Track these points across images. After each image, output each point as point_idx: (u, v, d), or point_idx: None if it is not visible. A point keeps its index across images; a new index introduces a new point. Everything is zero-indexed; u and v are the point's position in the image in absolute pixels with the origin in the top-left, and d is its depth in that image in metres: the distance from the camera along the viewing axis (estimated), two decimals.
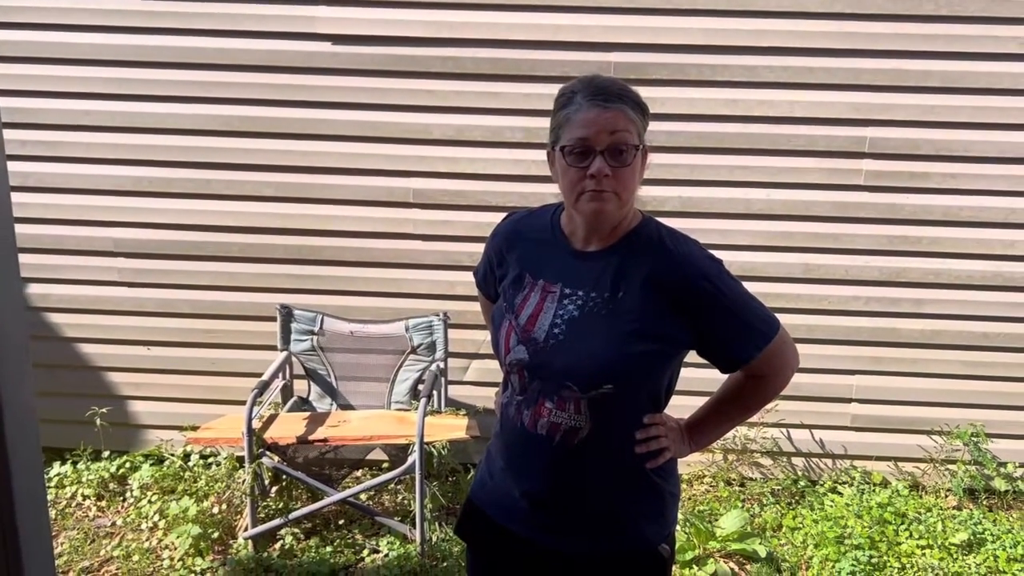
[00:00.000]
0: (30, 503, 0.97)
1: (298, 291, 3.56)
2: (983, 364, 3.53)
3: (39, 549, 1.00)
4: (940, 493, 3.55)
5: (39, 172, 3.47)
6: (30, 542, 0.97)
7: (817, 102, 3.34)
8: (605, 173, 1.40)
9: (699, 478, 3.62)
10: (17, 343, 0.93)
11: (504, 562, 1.69)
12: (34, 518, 0.98)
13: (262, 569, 2.95)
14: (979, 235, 3.43)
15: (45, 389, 3.56)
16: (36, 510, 0.99)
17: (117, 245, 3.55)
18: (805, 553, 3.13)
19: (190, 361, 3.65)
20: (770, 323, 1.52)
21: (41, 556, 1.00)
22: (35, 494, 0.99)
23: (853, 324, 3.52)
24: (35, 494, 0.99)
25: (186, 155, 3.46)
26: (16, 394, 0.93)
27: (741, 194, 3.43)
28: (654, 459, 1.55)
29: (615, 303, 1.47)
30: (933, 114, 3.33)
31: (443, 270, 3.53)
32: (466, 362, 3.62)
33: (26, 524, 0.96)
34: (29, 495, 0.97)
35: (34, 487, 0.99)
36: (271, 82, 3.38)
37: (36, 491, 0.99)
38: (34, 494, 0.99)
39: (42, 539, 1.01)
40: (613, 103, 1.42)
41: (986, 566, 3.08)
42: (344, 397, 3.52)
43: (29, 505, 0.97)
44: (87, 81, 3.40)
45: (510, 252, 1.63)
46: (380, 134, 3.42)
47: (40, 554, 1.00)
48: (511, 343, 1.54)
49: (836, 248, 3.46)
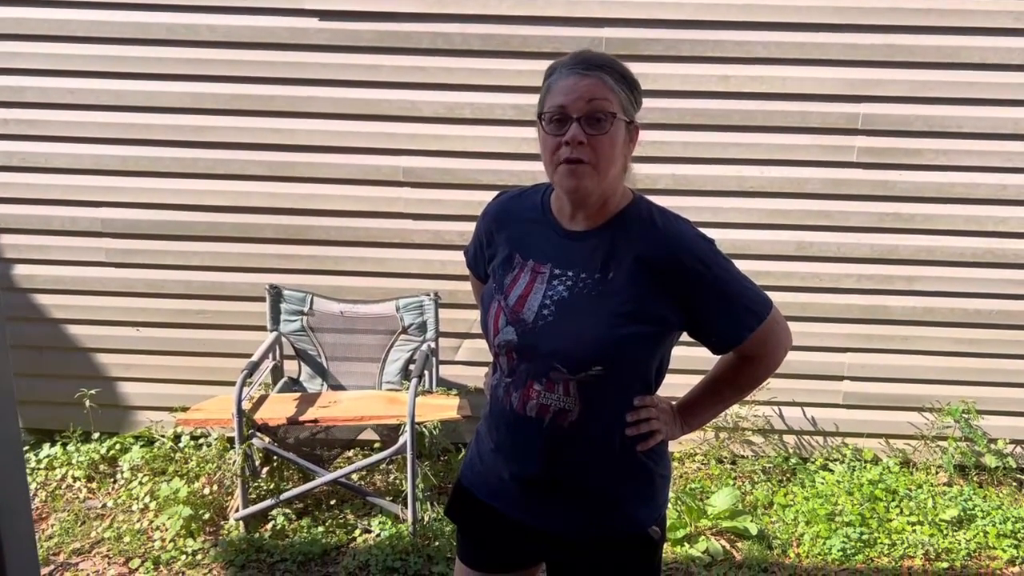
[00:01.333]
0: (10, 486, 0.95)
1: (288, 271, 3.53)
2: (975, 341, 3.54)
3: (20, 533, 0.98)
4: (931, 470, 3.57)
5: (24, 151, 3.43)
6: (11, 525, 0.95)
7: (810, 78, 3.31)
8: (579, 140, 1.38)
9: (690, 456, 3.62)
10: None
11: (494, 543, 1.68)
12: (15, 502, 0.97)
13: (253, 549, 2.95)
14: (971, 212, 3.42)
15: (33, 371, 3.55)
16: (16, 493, 0.97)
17: (104, 225, 3.51)
18: (796, 530, 3.14)
19: (179, 342, 3.62)
20: (762, 303, 1.51)
21: (22, 539, 0.99)
22: (15, 477, 0.97)
23: (845, 302, 3.52)
24: (15, 477, 0.97)
25: (173, 134, 3.42)
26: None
27: (734, 171, 3.41)
28: (645, 441, 1.53)
29: (605, 284, 1.45)
30: (926, 89, 3.31)
31: (434, 249, 3.51)
32: (457, 342, 3.60)
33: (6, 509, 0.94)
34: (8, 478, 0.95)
35: (14, 469, 0.97)
36: (258, 59, 3.34)
37: (16, 474, 0.98)
38: (14, 477, 0.97)
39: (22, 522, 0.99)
40: (592, 71, 1.40)
41: (976, 542, 3.10)
42: (335, 377, 3.50)
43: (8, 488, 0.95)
44: (72, 59, 3.35)
45: (500, 232, 1.61)
46: (369, 111, 3.39)
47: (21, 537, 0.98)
48: (500, 324, 1.52)
49: (829, 225, 3.45)
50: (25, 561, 0.99)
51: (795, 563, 2.97)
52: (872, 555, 3.01)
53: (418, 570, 2.87)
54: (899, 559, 3.00)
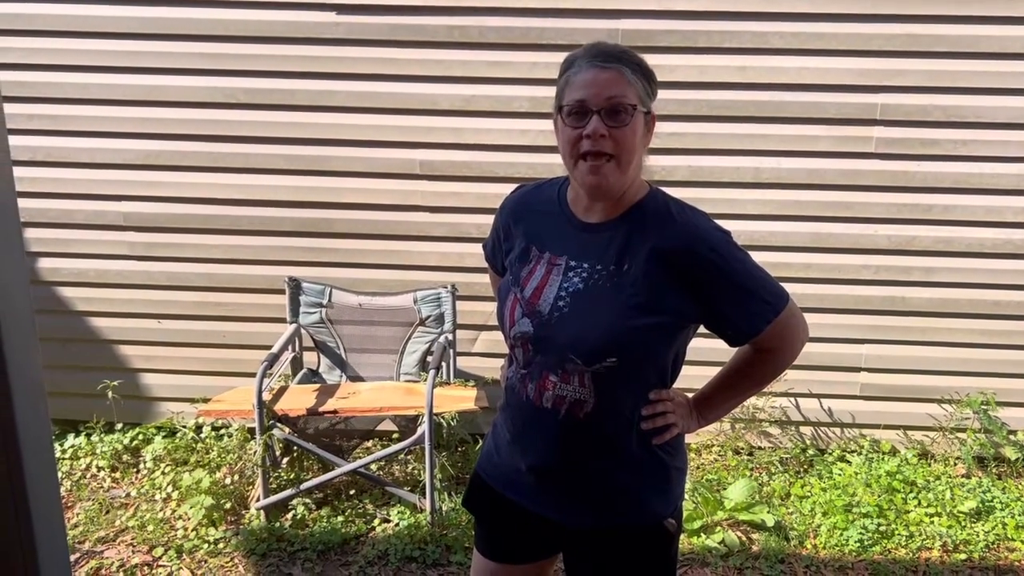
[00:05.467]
0: (41, 477, 0.98)
1: (306, 263, 3.56)
2: (993, 332, 3.52)
3: (51, 520, 1.01)
4: (949, 461, 3.56)
5: (47, 146, 3.48)
6: (41, 513, 0.98)
7: (827, 68, 3.30)
8: (601, 133, 1.39)
9: (707, 447, 3.63)
10: (24, 316, 0.93)
11: (511, 534, 1.70)
12: (46, 492, 0.99)
13: (274, 539, 2.99)
14: (990, 202, 3.39)
15: (58, 362, 3.60)
16: (47, 484, 1.00)
17: (126, 219, 3.55)
18: (813, 522, 3.14)
19: (200, 334, 3.67)
20: (779, 296, 1.51)
21: (53, 525, 1.01)
22: (46, 468, 1.00)
23: (863, 293, 3.51)
24: (46, 468, 1.00)
25: (193, 128, 3.45)
26: (24, 367, 0.93)
27: (750, 163, 3.40)
28: (661, 435, 1.54)
29: (620, 276, 1.45)
30: (945, 79, 3.29)
31: (451, 242, 3.52)
32: (474, 334, 3.62)
33: (37, 498, 0.97)
34: (40, 469, 0.97)
35: (44, 461, 1.00)
36: (277, 53, 3.36)
37: (46, 465, 1.00)
38: (45, 468, 1.00)
39: (53, 510, 1.02)
40: (611, 64, 1.41)
41: (995, 534, 3.09)
42: (353, 369, 3.54)
43: (40, 479, 0.97)
44: (94, 54, 3.39)
45: (517, 225, 1.62)
46: (386, 105, 3.41)
47: (52, 523, 1.01)
48: (516, 316, 1.54)
49: (846, 217, 3.44)
50: (55, 549, 1.02)
51: (812, 554, 2.97)
52: (889, 546, 3.01)
53: (436, 559, 2.90)
54: (916, 550, 2.99)
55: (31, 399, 0.95)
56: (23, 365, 0.92)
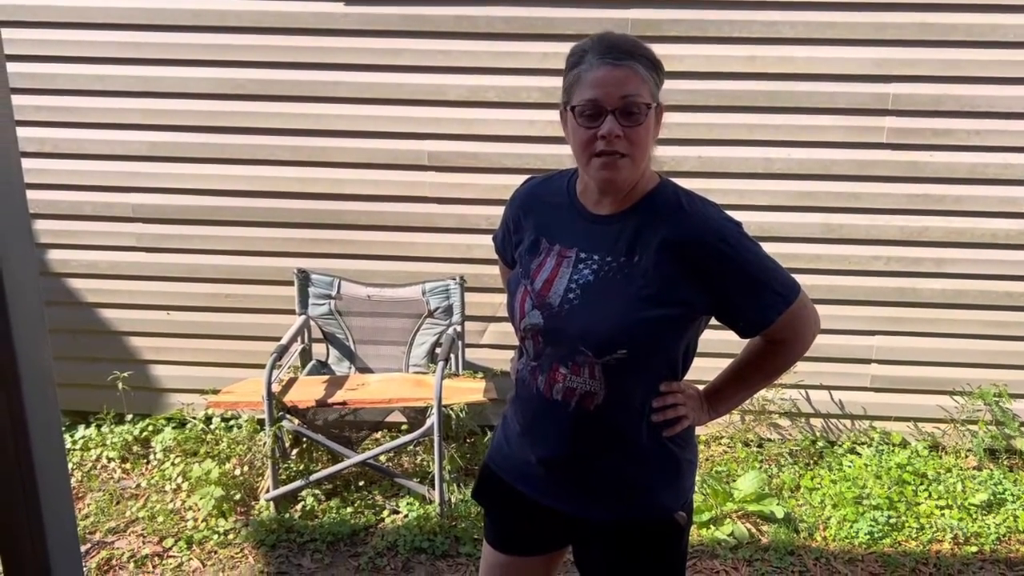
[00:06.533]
0: (51, 468, 0.98)
1: (315, 255, 3.56)
2: (1006, 324, 3.49)
3: (61, 510, 1.01)
4: (960, 453, 3.54)
5: (55, 137, 3.48)
6: (51, 504, 0.98)
7: (839, 58, 3.27)
8: (616, 134, 1.37)
9: (716, 439, 3.62)
10: (33, 307, 0.93)
11: (520, 526, 1.70)
12: (56, 483, 0.99)
13: (284, 529, 3.00)
14: (1004, 193, 3.36)
15: (68, 354, 3.61)
16: (58, 475, 1.00)
17: (135, 210, 3.56)
18: (823, 514, 3.13)
19: (209, 325, 3.67)
20: (790, 287, 1.50)
21: (63, 516, 1.01)
22: (56, 459, 1.00)
23: (874, 284, 3.49)
24: (56, 459, 1.00)
25: (201, 119, 3.45)
26: (34, 358, 0.93)
27: (760, 153, 3.38)
28: (671, 427, 1.54)
29: (631, 267, 1.45)
30: (958, 69, 3.25)
31: (459, 233, 3.52)
32: (483, 325, 3.62)
33: (48, 489, 0.97)
34: (50, 460, 0.97)
35: (54, 452, 1.00)
36: (285, 44, 3.36)
37: (56, 456, 1.00)
38: (55, 459, 0.99)
39: (63, 501, 1.02)
40: (624, 61, 1.38)
41: (1006, 526, 3.07)
42: (362, 360, 3.54)
43: (50, 470, 0.97)
44: (101, 45, 3.38)
45: (527, 218, 1.61)
46: (394, 96, 3.39)
47: (62, 514, 1.01)
48: (526, 308, 1.53)
49: (857, 207, 3.41)
50: (65, 540, 1.02)
51: (822, 546, 2.97)
52: (900, 539, 3.00)
53: (445, 550, 2.90)
54: (927, 543, 2.98)
55: (41, 390, 0.95)
56: (33, 356, 0.92)
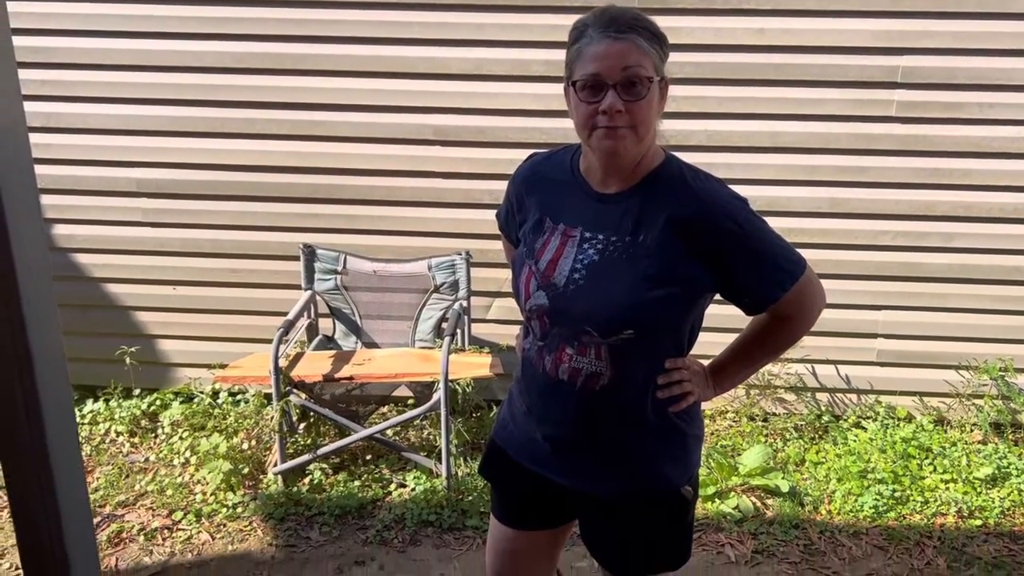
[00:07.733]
0: (63, 442, 0.99)
1: (321, 230, 3.56)
2: (1012, 299, 3.48)
3: (73, 484, 1.02)
4: (965, 428, 3.54)
5: (59, 112, 3.47)
6: (64, 478, 0.99)
7: (848, 30, 3.23)
8: (618, 109, 1.36)
9: (722, 413, 3.63)
10: (42, 282, 0.93)
11: (526, 501, 1.70)
12: (68, 457, 1.00)
13: (292, 503, 3.02)
14: (1011, 166, 3.34)
15: (76, 328, 3.62)
16: (69, 448, 1.01)
17: (139, 185, 3.55)
18: (828, 487, 3.15)
19: (216, 300, 3.68)
20: (796, 263, 1.49)
21: (75, 490, 1.02)
22: (67, 433, 1.01)
23: (880, 259, 3.47)
24: (67, 433, 1.01)
25: (206, 93, 3.43)
26: (44, 333, 0.94)
27: (768, 127, 3.35)
28: (677, 403, 1.54)
29: (636, 247, 1.43)
30: (971, 41, 3.22)
31: (465, 208, 3.51)
32: (489, 300, 3.62)
33: (60, 463, 0.97)
34: (62, 434, 0.98)
35: (66, 426, 1.00)
36: (288, 17, 3.33)
37: (68, 430, 1.01)
38: (66, 433, 1.00)
39: (75, 475, 1.02)
40: (625, 34, 1.36)
41: (1010, 500, 3.08)
42: (368, 335, 3.55)
43: (62, 444, 0.98)
44: (104, 19, 3.36)
45: (530, 196, 1.60)
46: (398, 69, 3.37)
47: (74, 488, 1.02)
48: (531, 288, 1.52)
49: (864, 181, 3.39)
50: (78, 513, 1.03)
51: (826, 520, 2.98)
52: (904, 512, 3.01)
53: (452, 524, 2.93)
54: (931, 516, 2.99)
55: (52, 364, 0.96)
56: (43, 331, 0.93)
